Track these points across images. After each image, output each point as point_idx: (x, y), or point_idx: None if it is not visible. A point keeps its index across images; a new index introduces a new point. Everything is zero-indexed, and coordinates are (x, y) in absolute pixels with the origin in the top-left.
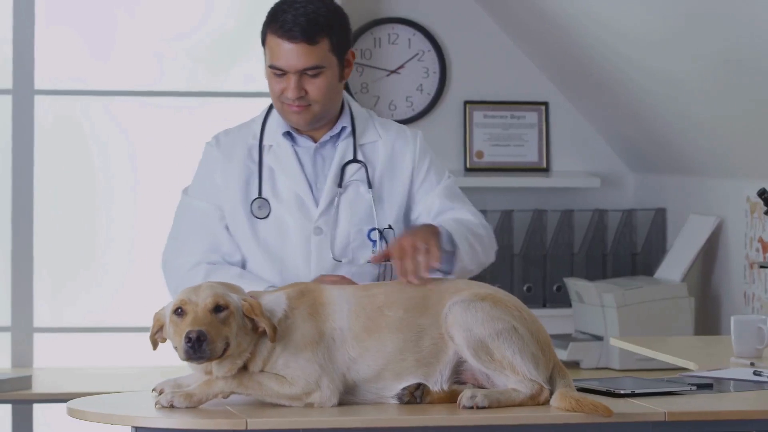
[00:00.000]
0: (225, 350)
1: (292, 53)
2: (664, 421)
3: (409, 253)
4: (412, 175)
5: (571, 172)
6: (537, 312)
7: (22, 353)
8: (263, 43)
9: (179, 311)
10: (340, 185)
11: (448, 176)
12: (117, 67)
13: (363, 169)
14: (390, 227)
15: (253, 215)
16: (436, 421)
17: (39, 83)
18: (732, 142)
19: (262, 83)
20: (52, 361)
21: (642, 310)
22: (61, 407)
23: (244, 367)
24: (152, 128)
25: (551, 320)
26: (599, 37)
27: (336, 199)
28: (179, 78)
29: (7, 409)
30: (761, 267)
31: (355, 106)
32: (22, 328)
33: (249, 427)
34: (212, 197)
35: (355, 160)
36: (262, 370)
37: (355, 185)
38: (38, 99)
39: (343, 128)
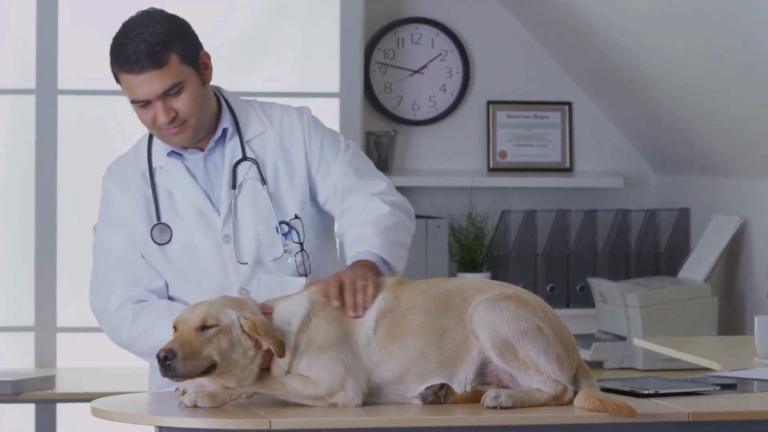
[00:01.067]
0: (211, 368)
1: (144, 83)
2: (688, 422)
3: (350, 288)
4: (307, 157)
5: (595, 172)
6: (560, 312)
7: (46, 353)
8: (116, 80)
9: (174, 329)
10: (234, 187)
11: (347, 146)
12: None
13: (254, 166)
14: (296, 216)
15: (155, 242)
16: (460, 421)
17: (62, 83)
18: (755, 142)
19: (285, 83)
20: (76, 361)
21: (665, 311)
22: (85, 407)
23: (268, 370)
24: None
25: (574, 320)
26: (623, 37)
27: (233, 202)
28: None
29: (30, 408)
30: None
31: (235, 102)
32: (46, 328)
33: (272, 427)
34: (119, 229)
35: (243, 159)
36: (288, 372)
37: (250, 183)
38: (61, 99)
39: (225, 130)
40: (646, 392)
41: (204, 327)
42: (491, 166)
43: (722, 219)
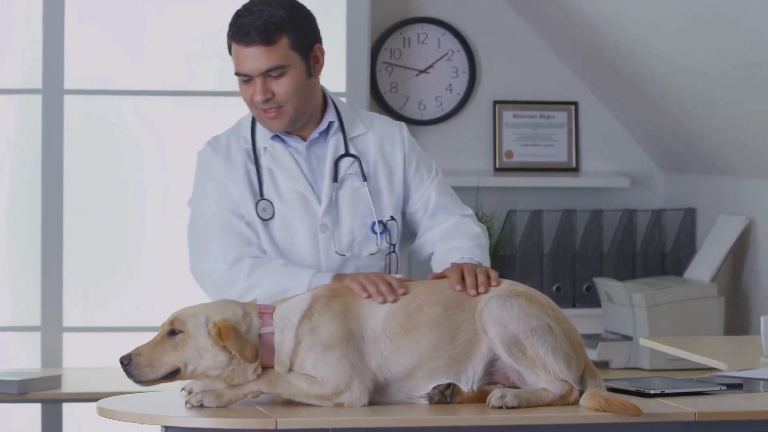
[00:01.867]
0: (175, 373)
1: (251, 57)
2: (694, 421)
3: (470, 272)
4: (405, 166)
5: (601, 171)
6: (566, 312)
7: (52, 353)
8: (229, 51)
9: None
10: (335, 180)
11: (438, 172)
12: (147, 66)
13: (356, 163)
14: (392, 218)
15: (259, 217)
16: (466, 420)
17: (68, 83)
18: (762, 142)
19: None
20: (82, 361)
21: (671, 310)
22: (91, 407)
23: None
24: (183, 128)
25: (581, 320)
26: (629, 37)
27: (333, 194)
28: (210, 77)
29: (36, 408)
30: None
31: (338, 101)
32: (52, 328)
33: (279, 427)
34: (222, 199)
35: (347, 154)
36: (290, 370)
37: (351, 179)
38: (68, 99)
39: (331, 123)
40: (652, 392)
41: (172, 332)
42: (497, 165)
43: (728, 219)
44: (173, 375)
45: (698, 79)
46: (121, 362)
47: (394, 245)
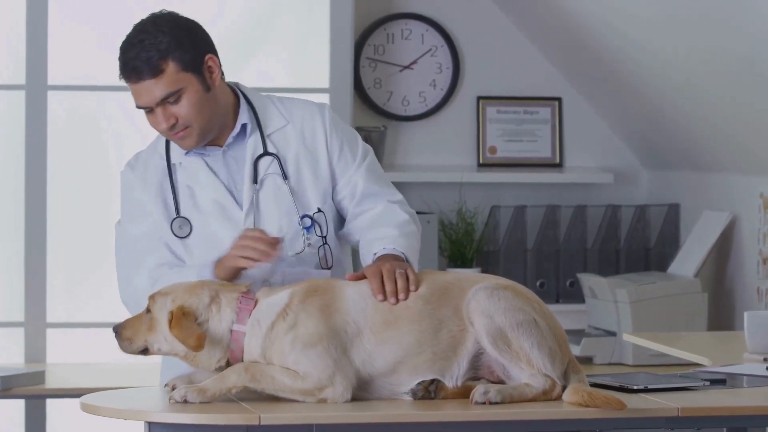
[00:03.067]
0: (145, 350)
1: (143, 91)
2: (677, 417)
3: (389, 277)
4: (328, 151)
5: (585, 167)
6: (550, 307)
7: (36, 349)
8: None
9: None
10: (255, 181)
11: (365, 150)
12: None
13: (275, 161)
14: (319, 210)
15: (175, 235)
16: (450, 416)
17: (52, 79)
18: (746, 138)
19: (276, 79)
20: (65, 357)
21: (655, 306)
22: (74, 402)
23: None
24: None
25: (564, 315)
26: (612, 33)
27: (254, 197)
28: None
29: (20, 404)
30: None
31: (254, 97)
32: (36, 324)
33: (262, 423)
34: (144, 220)
35: (265, 153)
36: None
37: (272, 178)
38: (51, 94)
39: (244, 125)
40: (635, 387)
41: (148, 310)
42: (481, 161)
43: (712, 214)
44: (145, 351)
45: (682, 75)
46: (113, 330)
47: (325, 237)
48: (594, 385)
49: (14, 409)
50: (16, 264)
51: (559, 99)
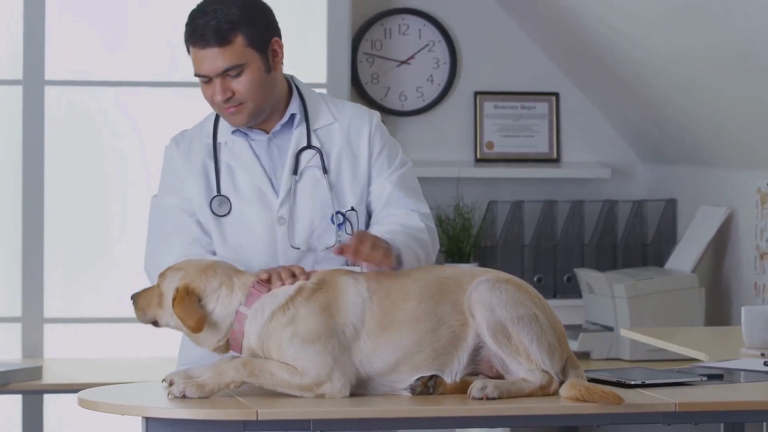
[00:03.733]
0: (156, 322)
1: (207, 59)
2: (675, 412)
3: (369, 241)
4: (369, 151)
5: (582, 162)
6: (547, 303)
7: (33, 344)
8: (188, 51)
9: None
10: (295, 173)
11: (403, 164)
12: (129, 57)
13: (318, 155)
14: (353, 209)
15: (214, 213)
16: (447, 411)
17: (49, 74)
18: (743, 133)
19: None
20: (63, 352)
21: (652, 301)
22: (72, 398)
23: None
24: (164, 118)
25: (562, 311)
26: (610, 28)
27: (292, 187)
28: (192, 68)
29: (17, 399)
30: None
31: (307, 92)
32: (33, 319)
33: (260, 418)
34: (181, 193)
35: (308, 147)
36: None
37: (311, 171)
38: (49, 89)
39: (293, 115)
40: (632, 383)
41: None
42: (478, 156)
43: (709, 210)
44: (155, 324)
45: (679, 70)
46: (131, 298)
47: None
48: (591, 380)
49: (11, 404)
50: (13, 259)
51: (556, 94)
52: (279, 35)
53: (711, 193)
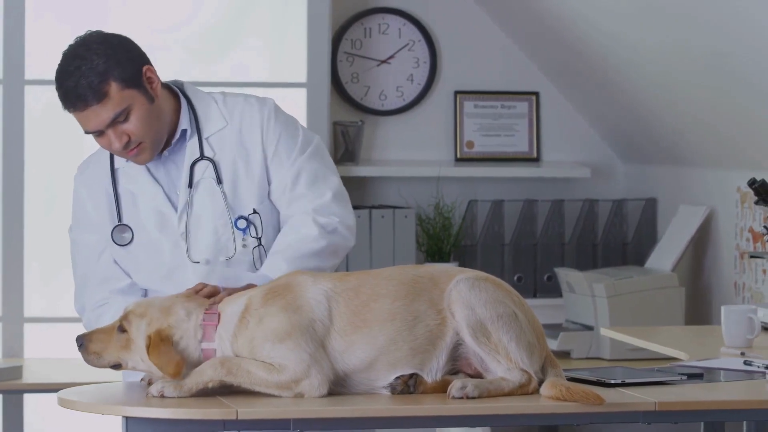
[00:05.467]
0: (118, 365)
1: (91, 117)
2: (655, 411)
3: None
4: (264, 150)
5: (562, 162)
6: (528, 302)
7: (13, 343)
8: (67, 112)
9: None
10: (190, 185)
11: (305, 144)
12: None
13: (210, 165)
14: (255, 211)
15: (116, 243)
16: (427, 411)
17: (29, 73)
18: (722, 133)
19: (254, 73)
20: (43, 352)
21: (632, 300)
22: (52, 397)
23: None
24: None
25: (542, 310)
26: (589, 27)
27: (188, 200)
28: (171, 68)
29: None
30: (751, 257)
31: (196, 97)
32: (13, 319)
33: (240, 417)
34: (87, 229)
35: (201, 158)
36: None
37: (206, 182)
38: (28, 89)
39: (184, 131)
40: (613, 382)
41: (122, 328)
42: (458, 156)
43: (689, 209)
44: (117, 366)
45: (658, 69)
46: (76, 340)
47: (260, 238)
48: (571, 379)
49: None
50: None
51: (536, 93)
52: (147, 61)
53: (691, 193)
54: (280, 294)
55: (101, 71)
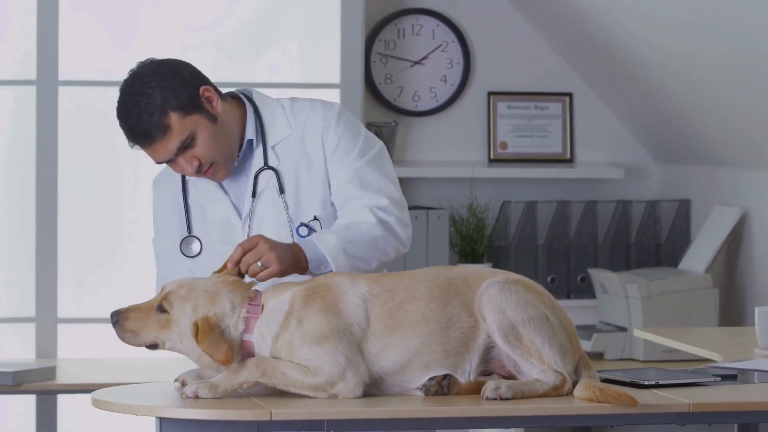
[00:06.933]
0: (154, 345)
1: (159, 150)
2: (689, 412)
3: (251, 250)
4: (324, 155)
5: (595, 162)
6: (561, 303)
7: (47, 344)
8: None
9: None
10: (254, 195)
11: (363, 150)
12: (141, 57)
13: (274, 175)
14: (315, 218)
15: (184, 254)
16: (461, 412)
17: (63, 74)
18: (756, 133)
19: (286, 74)
20: (77, 352)
21: (666, 301)
22: (85, 398)
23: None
24: None
25: (575, 311)
26: (623, 27)
27: (252, 210)
28: (203, 68)
29: (31, 399)
30: None
31: (263, 105)
32: (47, 319)
33: (273, 418)
34: (166, 236)
35: (264, 167)
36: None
37: (269, 192)
38: (62, 90)
39: (250, 141)
40: (646, 383)
41: (161, 307)
42: (492, 157)
43: (723, 210)
44: (153, 346)
45: (692, 70)
46: (111, 317)
47: None
48: (605, 380)
49: (25, 404)
50: (27, 259)
51: (570, 94)
52: (203, 81)
53: (724, 193)
54: (320, 295)
55: (159, 104)
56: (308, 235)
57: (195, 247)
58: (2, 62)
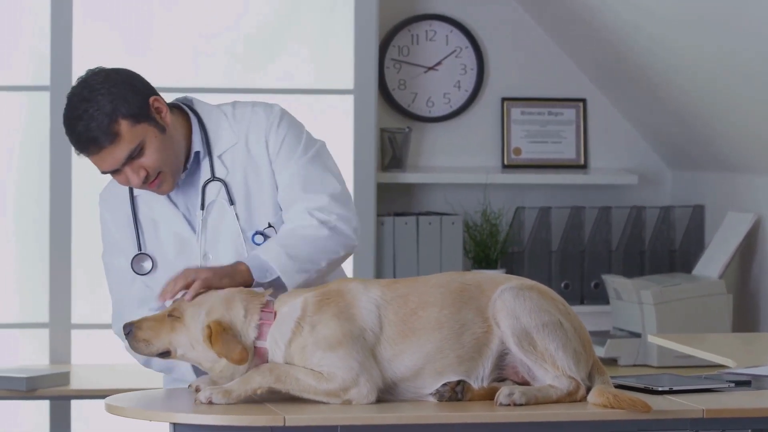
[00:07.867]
0: (167, 353)
1: (106, 158)
2: (703, 418)
3: (179, 281)
4: (269, 158)
5: (609, 168)
6: (575, 309)
7: (60, 350)
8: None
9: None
10: (202, 208)
11: (305, 149)
12: (153, 63)
13: (222, 187)
14: (270, 225)
15: (136, 272)
16: (474, 418)
17: (76, 80)
18: None
19: (300, 80)
20: (90, 358)
21: (680, 307)
22: (99, 403)
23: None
24: None
25: (589, 317)
26: (637, 34)
27: (200, 222)
28: (216, 74)
29: (45, 405)
30: None
31: (206, 115)
32: (60, 325)
33: (287, 424)
34: (120, 253)
35: (212, 179)
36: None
37: (219, 204)
38: None
39: (197, 153)
40: (660, 389)
41: (173, 315)
42: (505, 162)
43: (737, 216)
44: (165, 354)
45: (706, 76)
46: (123, 328)
47: None
48: (619, 386)
49: (39, 410)
50: (40, 265)
51: (583, 100)
52: (153, 91)
53: (738, 199)
54: (333, 300)
55: (109, 111)
56: (264, 242)
57: (146, 264)
58: (16, 68)
